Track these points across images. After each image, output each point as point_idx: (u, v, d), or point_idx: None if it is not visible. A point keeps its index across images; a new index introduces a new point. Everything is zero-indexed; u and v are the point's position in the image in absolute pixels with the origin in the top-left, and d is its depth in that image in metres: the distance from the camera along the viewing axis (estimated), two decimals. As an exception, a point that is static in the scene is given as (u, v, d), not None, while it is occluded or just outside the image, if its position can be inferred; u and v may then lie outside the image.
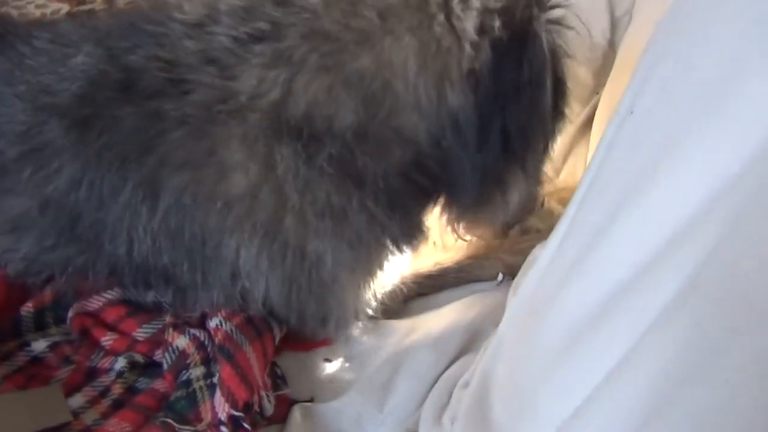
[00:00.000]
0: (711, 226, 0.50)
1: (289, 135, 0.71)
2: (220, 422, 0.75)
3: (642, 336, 0.53)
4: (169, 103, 0.73)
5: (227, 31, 0.73)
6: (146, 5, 0.86)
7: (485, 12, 0.73)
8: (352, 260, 0.79)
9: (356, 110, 0.72)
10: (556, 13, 0.78)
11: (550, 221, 1.01)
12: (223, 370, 0.77)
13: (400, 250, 0.83)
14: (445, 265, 0.98)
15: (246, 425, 0.75)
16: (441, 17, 0.72)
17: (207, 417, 0.76)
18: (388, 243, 0.81)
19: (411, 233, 0.83)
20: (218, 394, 0.76)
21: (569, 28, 0.81)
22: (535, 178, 0.88)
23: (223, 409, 0.75)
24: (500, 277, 0.97)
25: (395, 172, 0.76)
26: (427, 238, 0.88)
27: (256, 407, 0.78)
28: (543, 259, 0.79)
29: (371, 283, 0.85)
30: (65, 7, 1.47)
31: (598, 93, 1.20)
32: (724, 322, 0.47)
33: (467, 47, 0.72)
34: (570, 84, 0.84)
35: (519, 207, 0.88)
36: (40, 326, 0.88)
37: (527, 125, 0.78)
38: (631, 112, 0.64)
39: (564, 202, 1.00)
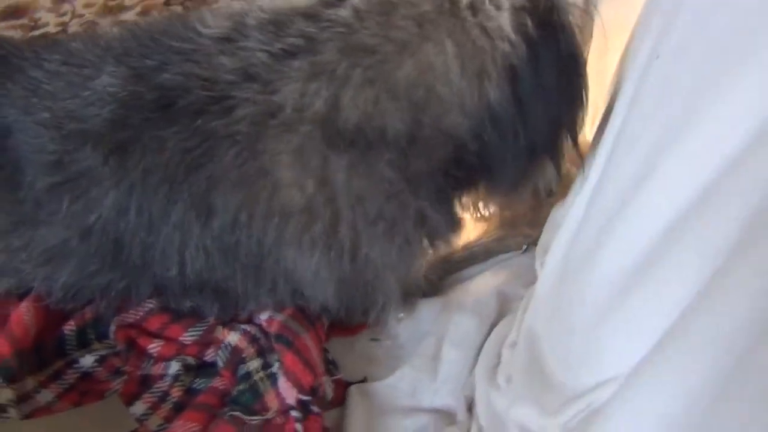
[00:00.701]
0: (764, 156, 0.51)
1: (345, 145, 0.73)
2: (290, 407, 0.76)
3: (708, 278, 0.53)
4: (215, 121, 0.74)
5: (261, 46, 0.74)
6: (162, 19, 0.85)
7: (514, 10, 0.75)
8: (398, 261, 0.82)
9: (403, 118, 0.74)
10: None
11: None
12: (285, 357, 0.79)
13: (439, 247, 0.88)
14: (474, 248, 1.01)
15: (314, 408, 0.77)
16: (472, 19, 0.74)
17: (273, 405, 0.78)
18: (430, 242, 0.85)
19: (451, 228, 0.87)
20: (283, 380, 0.78)
21: (584, 10, 0.84)
22: (562, 159, 0.90)
23: (291, 394, 0.77)
24: (524, 247, 1.02)
25: (438, 170, 0.79)
26: (462, 230, 0.91)
27: (321, 391, 0.80)
28: (573, 215, 0.82)
29: (409, 276, 0.88)
30: (17, 34, 1.45)
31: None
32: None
33: (501, 44, 0.74)
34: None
35: (547, 185, 0.92)
36: (83, 343, 0.88)
37: (567, 110, 0.82)
38: (658, 57, 0.69)
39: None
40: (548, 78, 0.77)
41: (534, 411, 0.75)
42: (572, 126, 0.83)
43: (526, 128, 0.79)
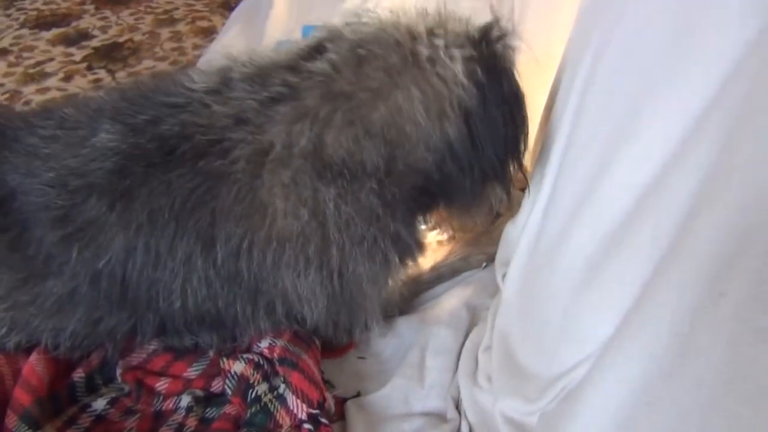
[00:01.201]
0: (705, 140, 0.58)
1: (332, 177, 0.83)
2: (302, 421, 0.85)
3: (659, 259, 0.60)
4: (216, 161, 0.82)
5: (250, 95, 0.84)
6: (147, 79, 0.95)
7: (465, 60, 0.87)
8: (378, 276, 0.92)
9: (380, 154, 0.84)
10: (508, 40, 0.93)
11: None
12: (292, 377, 0.87)
13: (407, 265, 0.98)
14: (441, 269, 1.13)
15: (324, 420, 0.85)
16: (431, 69, 0.86)
17: (286, 422, 0.86)
18: (401, 260, 0.95)
19: (418, 247, 0.97)
20: (292, 399, 0.86)
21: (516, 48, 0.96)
22: (510, 182, 1.02)
23: (301, 410, 0.85)
24: (484, 264, 1.14)
25: (410, 196, 0.89)
26: (426, 250, 1.02)
27: (326, 406, 0.88)
28: (531, 226, 0.92)
29: (386, 293, 0.98)
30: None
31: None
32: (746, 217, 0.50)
33: (456, 89, 0.86)
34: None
35: (499, 206, 1.05)
36: (91, 389, 0.93)
37: (513, 140, 0.94)
38: (594, 80, 0.78)
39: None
40: (496, 115, 0.88)
41: (517, 402, 0.85)
42: (517, 154, 0.96)
43: (479, 160, 0.90)
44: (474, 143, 0.88)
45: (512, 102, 0.90)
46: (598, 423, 0.63)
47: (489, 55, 0.88)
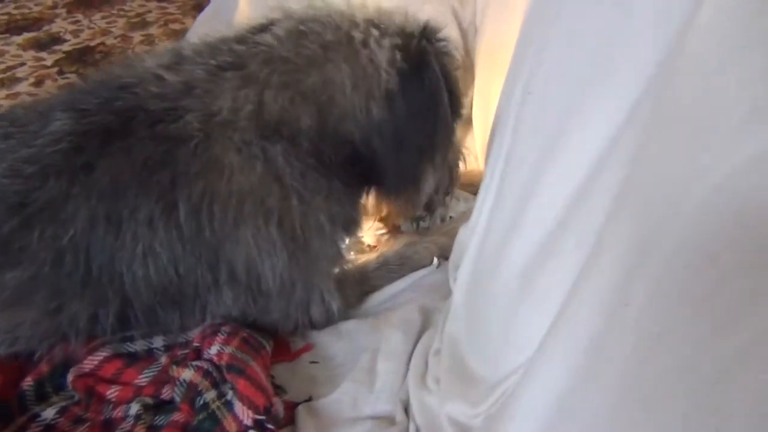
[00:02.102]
0: (620, 154, 0.62)
1: (275, 136, 0.89)
2: (248, 427, 0.85)
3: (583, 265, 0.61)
4: (171, 125, 0.87)
5: (199, 66, 0.92)
6: (97, 72, 0.99)
7: (391, 48, 0.95)
8: (335, 230, 1.00)
9: (312, 116, 0.92)
10: (444, 43, 1.02)
11: (467, 206, 1.22)
12: (239, 384, 0.88)
13: (352, 233, 1.07)
14: (388, 256, 1.15)
15: (271, 426, 0.86)
16: (363, 51, 0.95)
17: (232, 428, 0.86)
18: (347, 225, 1.03)
19: (359, 218, 1.07)
20: (238, 405, 0.87)
21: (453, 53, 1.05)
22: (443, 168, 1.09)
23: (247, 416, 0.86)
24: (436, 261, 1.15)
25: (346, 162, 0.96)
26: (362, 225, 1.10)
27: (273, 411, 0.89)
28: (478, 232, 0.95)
29: (341, 262, 1.06)
30: None
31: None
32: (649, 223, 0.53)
33: (383, 74, 0.95)
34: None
35: (434, 191, 1.11)
36: (41, 397, 0.93)
37: (432, 132, 1.00)
38: (530, 93, 0.81)
39: (469, 189, 1.21)
40: (415, 107, 0.96)
41: (462, 405, 0.86)
42: (432, 153, 1.02)
43: (403, 146, 0.97)
44: (396, 129, 0.95)
45: (432, 99, 0.97)
46: (526, 428, 0.64)
47: (417, 49, 0.96)
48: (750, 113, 0.45)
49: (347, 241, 1.08)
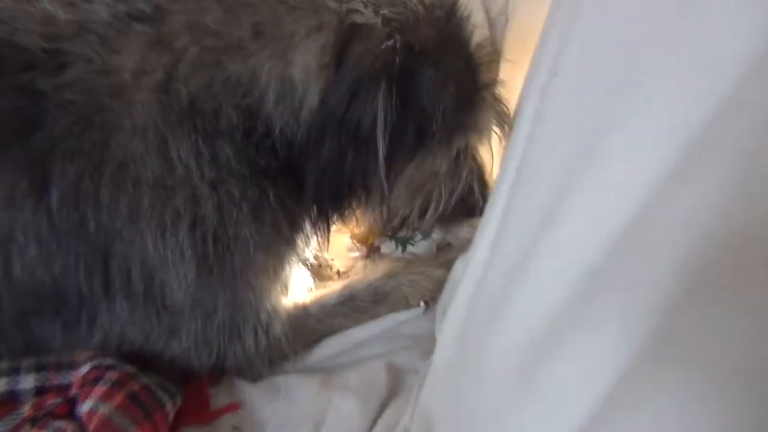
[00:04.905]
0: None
1: (185, 126, 0.71)
2: None
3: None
4: (45, 79, 0.70)
5: (104, 6, 0.72)
6: None
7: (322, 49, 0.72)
8: (269, 242, 0.79)
9: (237, 113, 0.73)
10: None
11: (462, 234, 0.97)
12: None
13: (301, 246, 0.84)
14: (357, 287, 0.90)
15: None
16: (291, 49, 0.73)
17: None
18: (294, 233, 0.82)
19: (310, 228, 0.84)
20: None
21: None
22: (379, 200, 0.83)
23: None
24: (422, 304, 0.88)
25: (287, 169, 0.77)
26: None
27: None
28: (472, 271, 0.71)
29: (280, 285, 0.84)
30: None
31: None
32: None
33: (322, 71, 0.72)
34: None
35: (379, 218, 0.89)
36: None
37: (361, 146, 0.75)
38: (556, 74, 0.59)
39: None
40: (339, 112, 0.74)
41: None
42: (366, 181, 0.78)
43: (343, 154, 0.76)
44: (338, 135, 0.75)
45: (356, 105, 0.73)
46: None
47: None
48: None
49: (297, 254, 0.84)
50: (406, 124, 0.73)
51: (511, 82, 0.87)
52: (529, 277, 0.57)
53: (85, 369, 0.74)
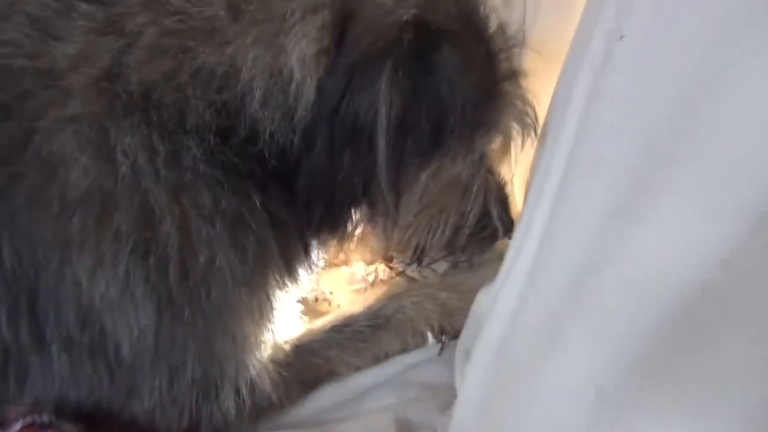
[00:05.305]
0: None
1: (133, 120, 0.60)
2: None
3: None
4: None
5: None
6: None
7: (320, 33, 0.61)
8: (254, 273, 0.66)
9: (211, 111, 0.62)
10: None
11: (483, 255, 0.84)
12: None
13: (298, 271, 0.72)
14: (355, 318, 0.78)
15: None
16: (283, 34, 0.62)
17: None
18: (287, 257, 0.69)
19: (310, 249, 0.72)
20: None
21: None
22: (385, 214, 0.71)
23: None
24: (431, 338, 0.77)
25: (282, 178, 0.65)
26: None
27: None
28: (504, 302, 0.60)
29: (270, 326, 0.70)
30: None
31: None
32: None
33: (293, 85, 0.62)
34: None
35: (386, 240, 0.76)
36: None
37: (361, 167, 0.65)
38: (623, 36, 0.48)
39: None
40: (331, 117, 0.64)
41: None
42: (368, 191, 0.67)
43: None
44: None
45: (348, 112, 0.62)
46: None
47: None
48: None
49: (288, 288, 0.72)
50: (419, 118, 0.60)
51: (535, 74, 0.75)
52: (589, 306, 0.45)
53: (16, 428, 0.60)
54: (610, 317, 0.44)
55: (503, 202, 0.78)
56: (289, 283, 0.71)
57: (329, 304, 0.86)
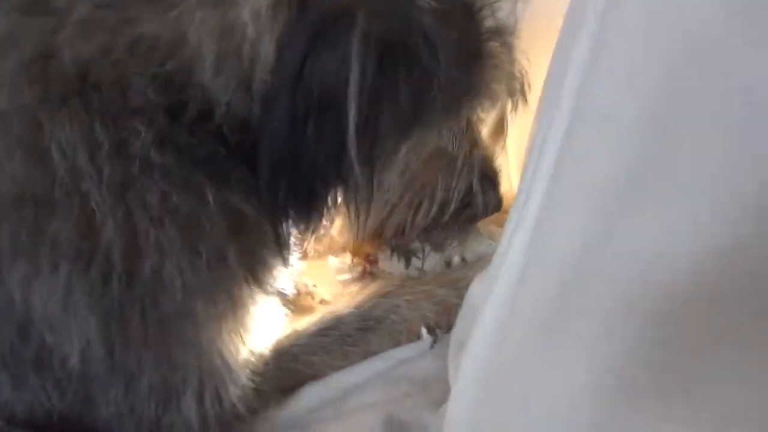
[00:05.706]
0: None
1: (71, 108, 0.56)
2: None
3: None
4: None
5: None
6: None
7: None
8: (211, 281, 0.61)
9: (155, 87, 0.58)
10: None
11: (478, 249, 0.81)
12: None
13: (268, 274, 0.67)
14: (342, 312, 0.74)
15: None
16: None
17: None
18: (252, 257, 0.65)
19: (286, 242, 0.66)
20: None
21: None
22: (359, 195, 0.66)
23: None
24: (425, 333, 0.73)
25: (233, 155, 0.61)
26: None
27: None
28: (501, 288, 0.54)
29: (240, 332, 0.65)
30: None
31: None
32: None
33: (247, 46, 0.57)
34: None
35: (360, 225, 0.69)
36: None
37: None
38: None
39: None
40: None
41: None
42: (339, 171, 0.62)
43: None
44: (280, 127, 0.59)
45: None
46: None
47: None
48: None
49: (260, 289, 0.66)
50: (396, 82, 0.55)
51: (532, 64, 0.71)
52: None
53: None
54: (612, 307, 0.41)
55: (491, 177, 0.74)
56: (260, 284, 0.66)
57: (312, 297, 0.80)
